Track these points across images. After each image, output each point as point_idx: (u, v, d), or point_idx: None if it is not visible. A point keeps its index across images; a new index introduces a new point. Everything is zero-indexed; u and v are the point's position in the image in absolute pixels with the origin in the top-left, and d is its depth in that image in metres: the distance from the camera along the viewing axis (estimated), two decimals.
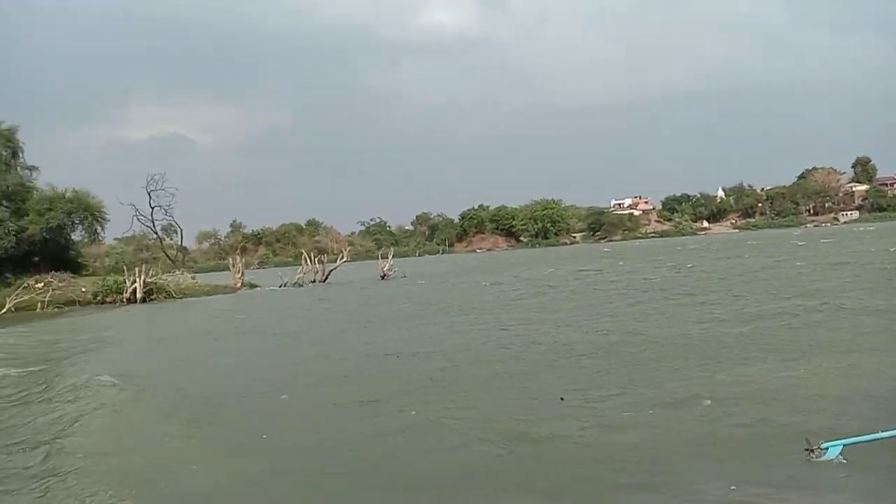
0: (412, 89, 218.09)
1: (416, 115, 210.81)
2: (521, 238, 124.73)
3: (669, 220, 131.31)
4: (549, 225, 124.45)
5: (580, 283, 26.51)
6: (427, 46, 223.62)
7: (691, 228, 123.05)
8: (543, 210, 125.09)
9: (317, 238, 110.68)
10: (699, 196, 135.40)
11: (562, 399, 7.92)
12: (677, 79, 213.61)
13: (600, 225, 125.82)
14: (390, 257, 46.41)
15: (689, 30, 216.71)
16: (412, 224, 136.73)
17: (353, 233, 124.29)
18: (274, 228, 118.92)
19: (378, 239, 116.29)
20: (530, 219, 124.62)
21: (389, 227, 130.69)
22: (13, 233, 36.79)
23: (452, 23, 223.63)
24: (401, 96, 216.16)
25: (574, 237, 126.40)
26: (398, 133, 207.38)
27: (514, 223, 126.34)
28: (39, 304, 31.64)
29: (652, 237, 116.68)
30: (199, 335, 18.57)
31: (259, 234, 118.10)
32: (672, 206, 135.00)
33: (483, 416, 7.52)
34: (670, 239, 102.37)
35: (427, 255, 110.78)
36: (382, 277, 42.34)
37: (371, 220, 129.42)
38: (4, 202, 38.49)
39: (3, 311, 30.62)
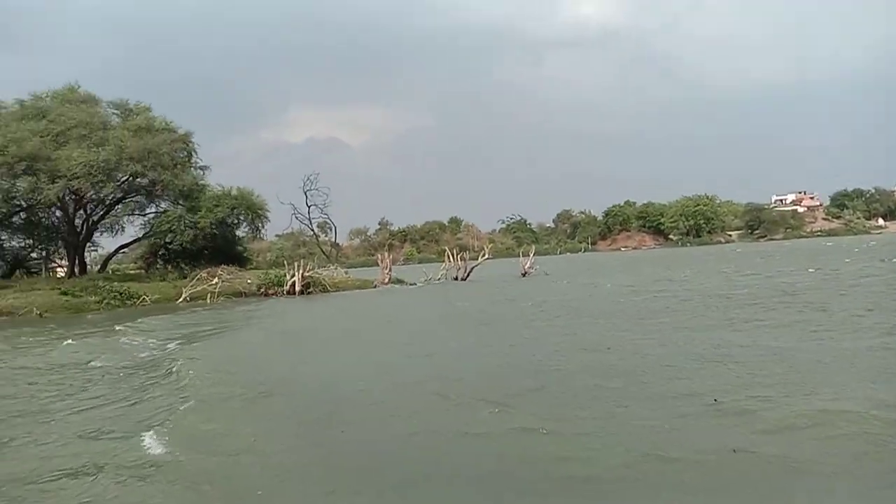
0: (554, 84, 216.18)
1: (558, 110, 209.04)
2: (671, 236, 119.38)
3: (838, 217, 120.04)
4: (701, 222, 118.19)
5: (726, 284, 24.95)
6: (570, 40, 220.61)
7: (864, 227, 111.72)
8: (696, 206, 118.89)
9: (458, 236, 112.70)
10: (873, 191, 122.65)
11: (715, 401, 7.63)
12: (842, 63, 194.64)
13: (759, 222, 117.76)
14: (531, 255, 46.28)
15: (854, 6, 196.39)
16: (553, 221, 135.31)
17: (493, 230, 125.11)
18: (418, 226, 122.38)
19: (518, 236, 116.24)
20: (681, 216, 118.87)
21: (530, 224, 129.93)
22: (189, 227, 40.87)
23: (597, 14, 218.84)
24: (542, 92, 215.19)
25: (730, 235, 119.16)
26: (539, 129, 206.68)
27: (662, 220, 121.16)
28: (209, 295, 34.73)
29: (818, 236, 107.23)
30: (342, 329, 19.40)
31: (404, 231, 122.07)
32: (842, 202, 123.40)
33: (620, 421, 7.39)
34: (839, 238, 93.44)
35: (568, 254, 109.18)
36: (523, 275, 42.38)
37: (511, 217, 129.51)
38: (181, 200, 42.66)
39: (180, 300, 34.01)
